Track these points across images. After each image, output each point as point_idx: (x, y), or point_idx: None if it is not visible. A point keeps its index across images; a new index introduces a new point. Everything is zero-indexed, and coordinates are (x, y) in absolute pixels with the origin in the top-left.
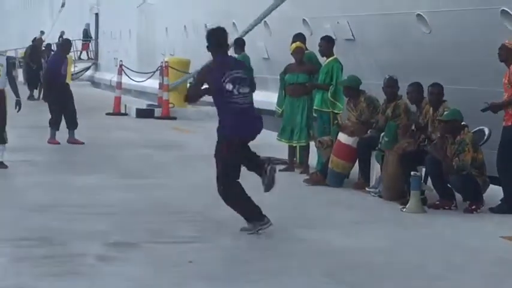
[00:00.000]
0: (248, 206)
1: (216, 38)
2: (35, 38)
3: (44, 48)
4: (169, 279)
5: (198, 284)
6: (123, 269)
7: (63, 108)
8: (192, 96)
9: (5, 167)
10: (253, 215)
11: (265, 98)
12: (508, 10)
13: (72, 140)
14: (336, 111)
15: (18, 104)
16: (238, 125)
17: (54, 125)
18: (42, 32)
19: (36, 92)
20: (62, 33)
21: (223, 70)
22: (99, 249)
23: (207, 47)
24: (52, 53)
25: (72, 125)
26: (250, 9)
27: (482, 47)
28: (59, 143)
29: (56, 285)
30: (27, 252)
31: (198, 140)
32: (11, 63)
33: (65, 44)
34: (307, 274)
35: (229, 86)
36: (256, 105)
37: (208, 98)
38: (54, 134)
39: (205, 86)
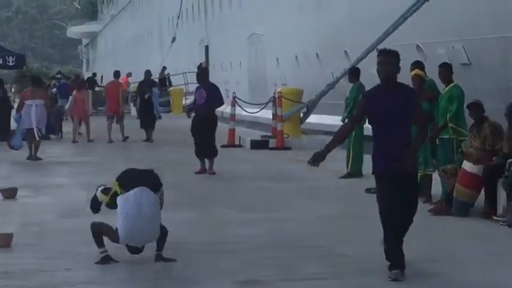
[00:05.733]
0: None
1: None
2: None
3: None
4: None
5: None
6: None
7: (201, 138)
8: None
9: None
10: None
11: None
12: None
13: (209, 171)
14: (460, 138)
15: None
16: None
17: (196, 155)
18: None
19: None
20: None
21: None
22: None
23: None
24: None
25: (208, 155)
26: (362, 37)
27: None
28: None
29: None
30: None
31: (315, 170)
32: None
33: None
34: None
35: None
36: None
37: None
38: (201, 163)
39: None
